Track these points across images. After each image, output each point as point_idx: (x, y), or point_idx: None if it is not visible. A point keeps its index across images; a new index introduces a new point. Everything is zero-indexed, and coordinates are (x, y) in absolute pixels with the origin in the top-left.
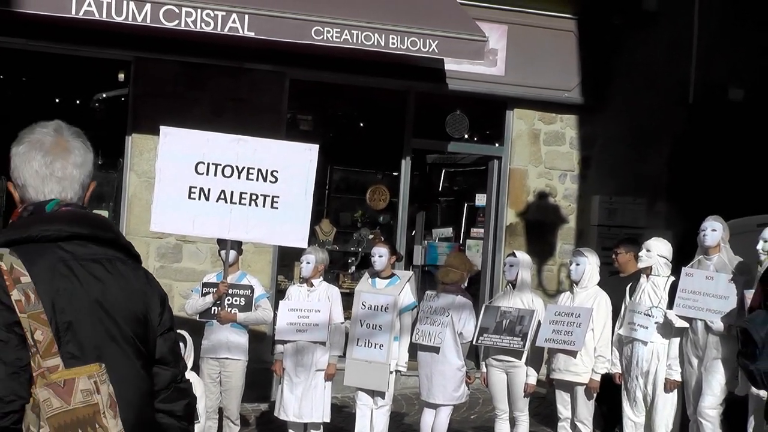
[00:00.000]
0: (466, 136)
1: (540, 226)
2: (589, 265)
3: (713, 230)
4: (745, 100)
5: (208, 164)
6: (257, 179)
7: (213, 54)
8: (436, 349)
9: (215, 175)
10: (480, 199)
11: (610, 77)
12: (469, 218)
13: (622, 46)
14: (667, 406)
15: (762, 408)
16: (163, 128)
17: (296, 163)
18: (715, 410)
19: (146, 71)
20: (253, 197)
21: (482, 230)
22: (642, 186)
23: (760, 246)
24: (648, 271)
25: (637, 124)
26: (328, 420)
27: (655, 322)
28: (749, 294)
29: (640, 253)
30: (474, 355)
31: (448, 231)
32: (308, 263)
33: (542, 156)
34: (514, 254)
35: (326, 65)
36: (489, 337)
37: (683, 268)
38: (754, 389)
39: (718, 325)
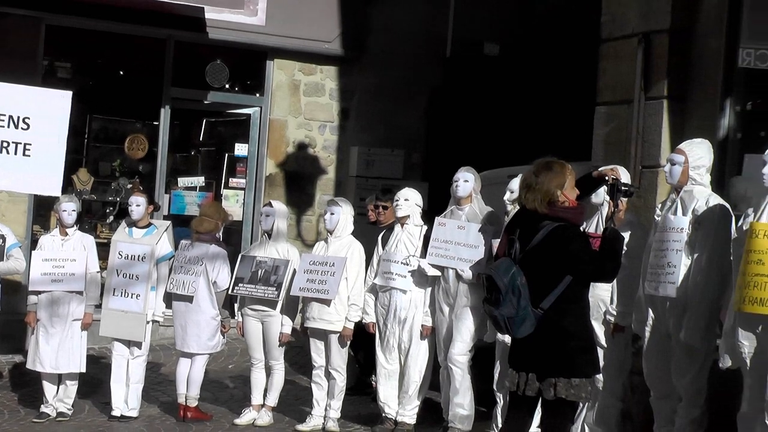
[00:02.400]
0: (226, 86)
1: (299, 177)
2: (344, 214)
3: (465, 181)
4: (500, 55)
5: None
6: (8, 126)
7: None
8: (190, 299)
9: None
10: (241, 149)
11: (370, 29)
12: (230, 168)
13: None
14: (421, 352)
15: (507, 353)
16: None
17: (49, 110)
18: (465, 356)
19: None
20: (4, 144)
21: (243, 180)
22: (400, 138)
23: (507, 196)
24: (404, 220)
25: (395, 76)
26: (83, 370)
27: (409, 271)
28: (497, 243)
29: (396, 203)
30: (230, 304)
31: (199, 180)
32: (74, 211)
33: (302, 107)
34: (270, 204)
35: (84, 11)
36: (244, 286)
37: (436, 218)
38: (499, 335)
39: (468, 273)
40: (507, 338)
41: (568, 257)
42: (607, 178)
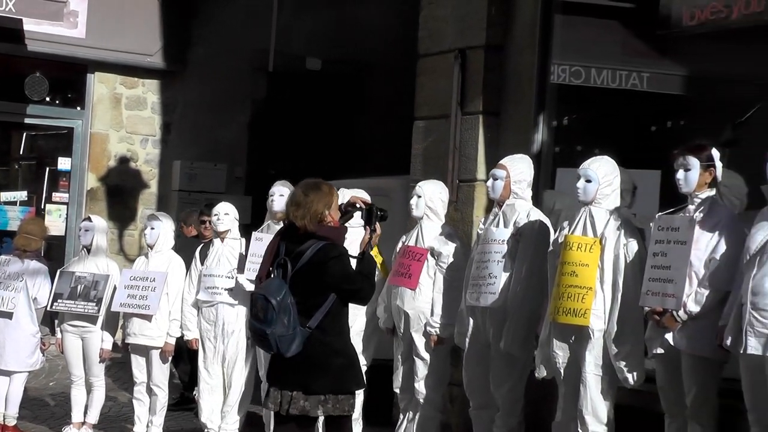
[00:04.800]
0: (46, 99)
1: (121, 191)
2: (164, 229)
3: (281, 195)
4: (322, 70)
5: None
6: None
7: None
8: (9, 315)
9: None
10: (63, 163)
11: (192, 43)
12: (52, 182)
13: (204, 12)
14: (246, 365)
15: None
16: None
17: None
18: None
19: None
20: None
21: (66, 195)
22: (222, 151)
23: None
24: (224, 234)
25: (218, 90)
26: None
27: (230, 287)
28: None
29: (213, 219)
30: (50, 320)
31: (21, 195)
32: None
33: (124, 121)
34: (89, 219)
35: None
36: (63, 302)
37: (253, 232)
38: None
39: None
40: None
41: (333, 275)
42: (357, 204)
